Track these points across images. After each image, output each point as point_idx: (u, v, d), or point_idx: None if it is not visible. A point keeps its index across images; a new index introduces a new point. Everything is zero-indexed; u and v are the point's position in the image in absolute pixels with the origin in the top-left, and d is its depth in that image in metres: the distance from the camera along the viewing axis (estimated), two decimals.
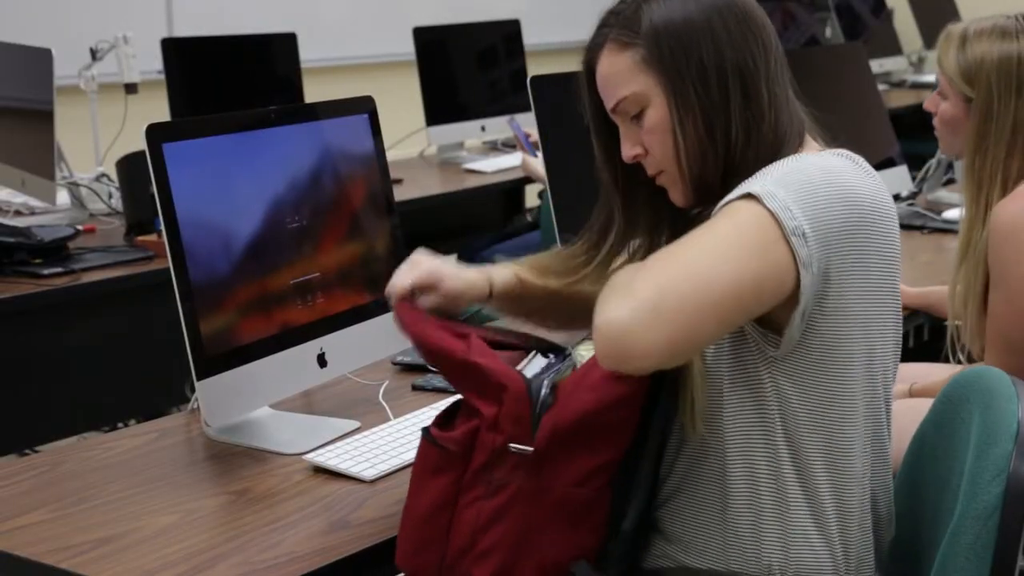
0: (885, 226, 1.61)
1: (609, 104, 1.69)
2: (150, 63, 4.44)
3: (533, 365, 1.66)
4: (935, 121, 2.52)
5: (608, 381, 1.53)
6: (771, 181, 1.55)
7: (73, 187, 3.80)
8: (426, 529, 1.63)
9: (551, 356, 1.68)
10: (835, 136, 1.73)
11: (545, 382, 1.58)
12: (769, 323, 1.58)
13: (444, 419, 1.68)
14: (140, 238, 3.38)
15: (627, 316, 1.43)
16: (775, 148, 1.64)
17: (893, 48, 7.10)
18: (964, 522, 1.53)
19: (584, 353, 1.68)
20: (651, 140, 1.66)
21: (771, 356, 1.59)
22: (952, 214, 3.58)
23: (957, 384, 1.72)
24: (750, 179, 1.59)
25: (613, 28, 1.67)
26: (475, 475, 1.61)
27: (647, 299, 1.44)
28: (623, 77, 1.65)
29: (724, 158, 1.63)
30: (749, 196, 1.54)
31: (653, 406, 1.60)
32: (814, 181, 1.56)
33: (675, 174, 1.67)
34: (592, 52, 1.70)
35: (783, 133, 1.65)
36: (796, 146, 1.67)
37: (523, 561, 1.60)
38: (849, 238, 1.56)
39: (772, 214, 1.52)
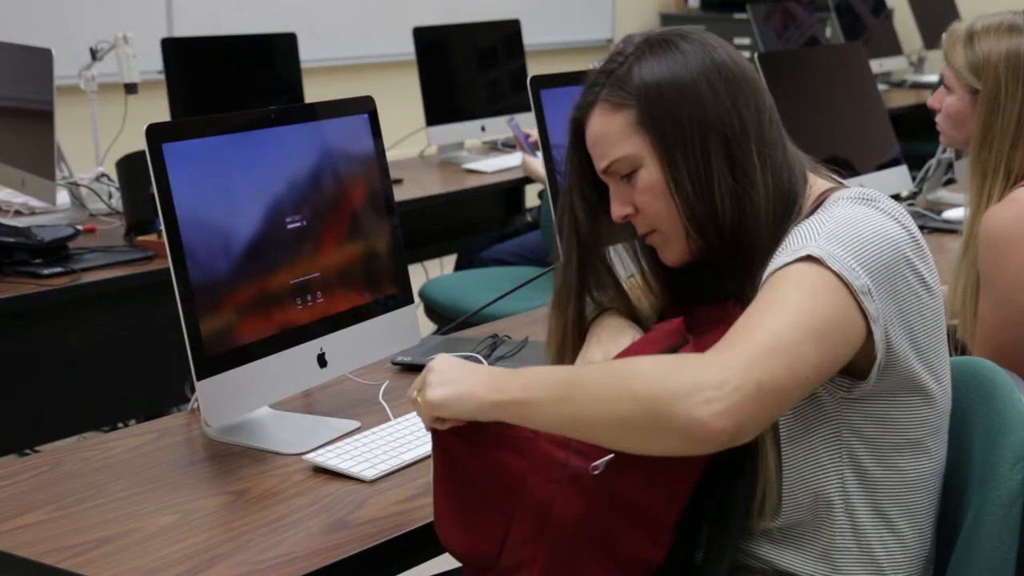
0: (923, 255, 1.60)
1: (601, 165, 1.68)
2: (150, 63, 4.44)
3: None
4: (938, 116, 2.52)
5: None
6: (824, 239, 1.53)
7: (73, 187, 3.80)
8: (488, 512, 1.59)
9: None
10: (831, 140, 1.73)
11: None
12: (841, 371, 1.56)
13: None
14: (140, 238, 3.38)
15: (738, 390, 1.40)
16: (781, 207, 1.63)
17: (893, 48, 7.10)
18: (986, 511, 1.55)
19: None
20: (643, 200, 1.66)
21: (841, 397, 1.58)
22: (952, 214, 3.58)
23: None
24: (798, 236, 1.56)
25: (605, 87, 1.66)
26: (548, 455, 1.57)
27: (745, 375, 1.41)
28: (615, 138, 1.65)
29: (716, 220, 1.62)
30: (809, 259, 1.52)
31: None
32: (862, 233, 1.55)
33: (669, 234, 1.67)
34: (583, 111, 1.69)
35: (785, 191, 1.64)
36: (802, 196, 1.66)
37: (592, 557, 1.58)
38: (901, 280, 1.56)
39: (838, 276, 1.50)
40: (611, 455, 1.54)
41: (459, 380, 1.55)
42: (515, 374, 1.54)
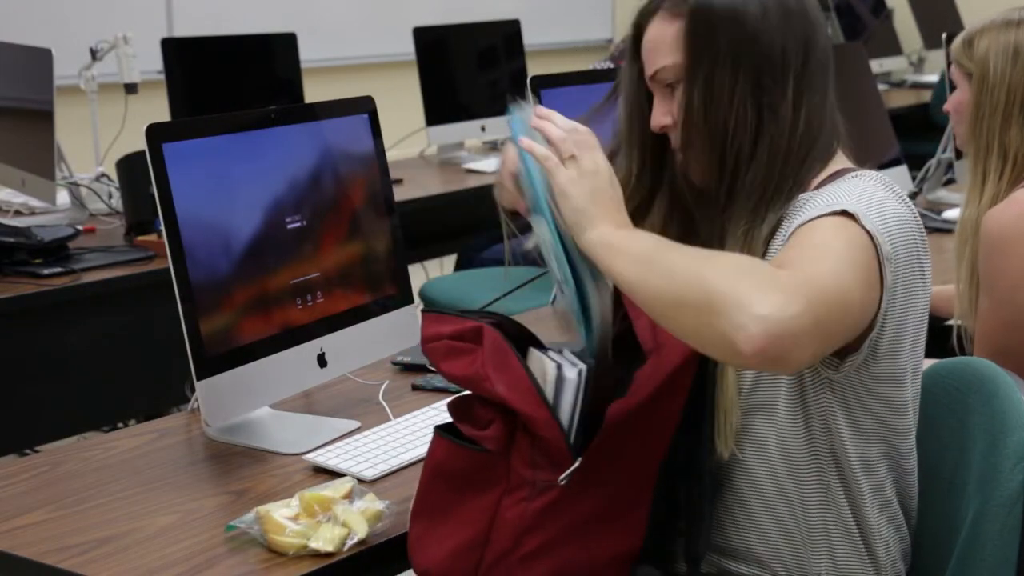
0: (927, 252, 1.61)
1: (648, 71, 1.67)
2: (150, 63, 4.43)
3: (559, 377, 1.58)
4: (951, 118, 2.54)
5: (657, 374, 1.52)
6: (854, 200, 1.54)
7: (73, 187, 3.80)
8: (464, 533, 1.59)
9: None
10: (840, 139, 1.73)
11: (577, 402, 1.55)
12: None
13: (461, 417, 1.62)
14: (140, 238, 3.38)
15: (796, 319, 1.36)
16: (800, 153, 1.62)
17: (893, 48, 7.10)
18: (987, 511, 1.55)
19: None
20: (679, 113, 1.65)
21: (827, 377, 1.58)
22: (952, 214, 3.57)
23: (936, 375, 1.74)
24: (826, 195, 1.57)
25: None
26: (519, 476, 1.56)
27: (809, 307, 1.38)
28: (666, 46, 1.64)
29: (725, 146, 1.61)
30: (845, 213, 1.52)
31: (702, 406, 1.59)
32: (887, 206, 1.56)
33: (696, 150, 1.64)
34: (644, 16, 1.68)
35: (807, 136, 1.63)
36: (825, 156, 1.66)
37: (570, 562, 1.57)
38: (910, 263, 1.57)
39: (871, 236, 1.51)
40: (576, 464, 1.52)
41: (589, 195, 1.53)
42: (627, 227, 1.52)
